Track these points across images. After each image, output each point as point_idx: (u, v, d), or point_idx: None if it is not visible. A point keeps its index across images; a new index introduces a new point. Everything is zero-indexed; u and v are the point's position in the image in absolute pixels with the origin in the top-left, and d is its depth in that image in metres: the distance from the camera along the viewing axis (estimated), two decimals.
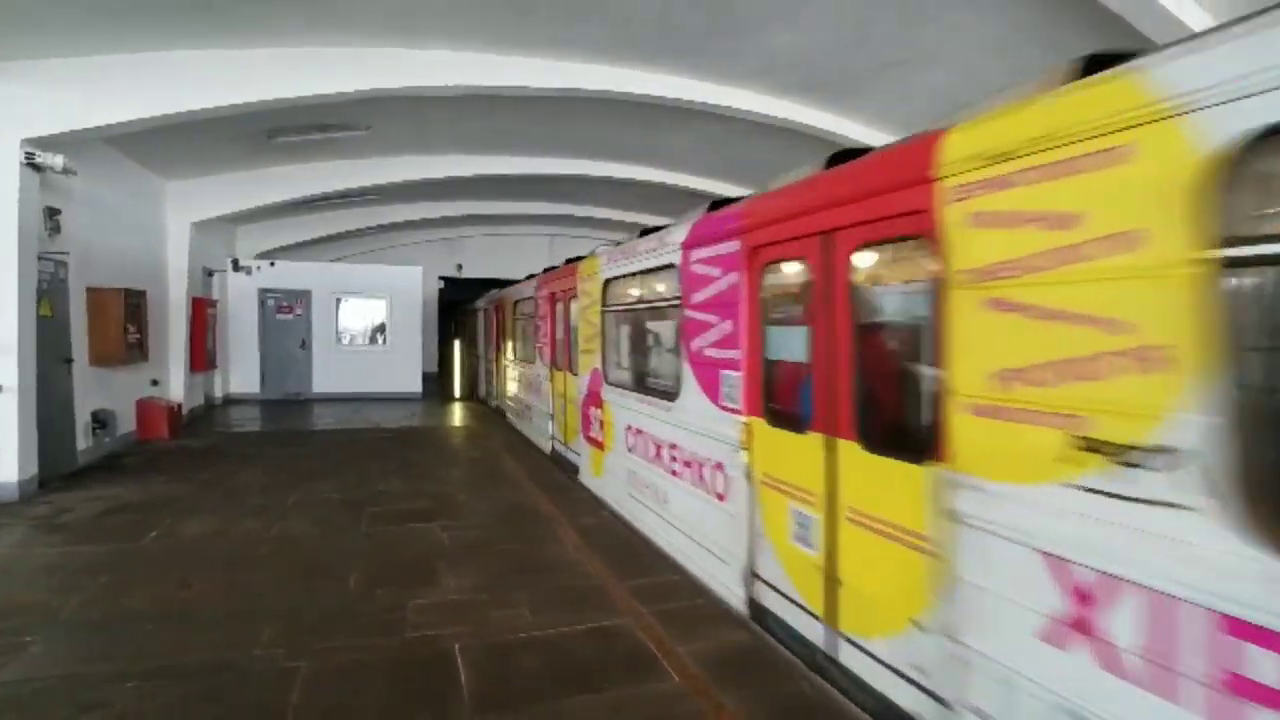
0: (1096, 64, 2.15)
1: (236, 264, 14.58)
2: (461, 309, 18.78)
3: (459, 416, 13.29)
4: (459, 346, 16.74)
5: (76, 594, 4.20)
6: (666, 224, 5.68)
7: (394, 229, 16.94)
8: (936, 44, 6.61)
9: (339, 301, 15.72)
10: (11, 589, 4.32)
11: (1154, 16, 5.00)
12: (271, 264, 15.03)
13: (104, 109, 6.72)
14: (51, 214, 7.20)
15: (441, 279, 20.17)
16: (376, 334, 16.12)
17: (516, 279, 13.18)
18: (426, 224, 16.95)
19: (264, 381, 15.04)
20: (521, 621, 3.91)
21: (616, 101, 8.16)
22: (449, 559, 4.94)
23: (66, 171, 6.80)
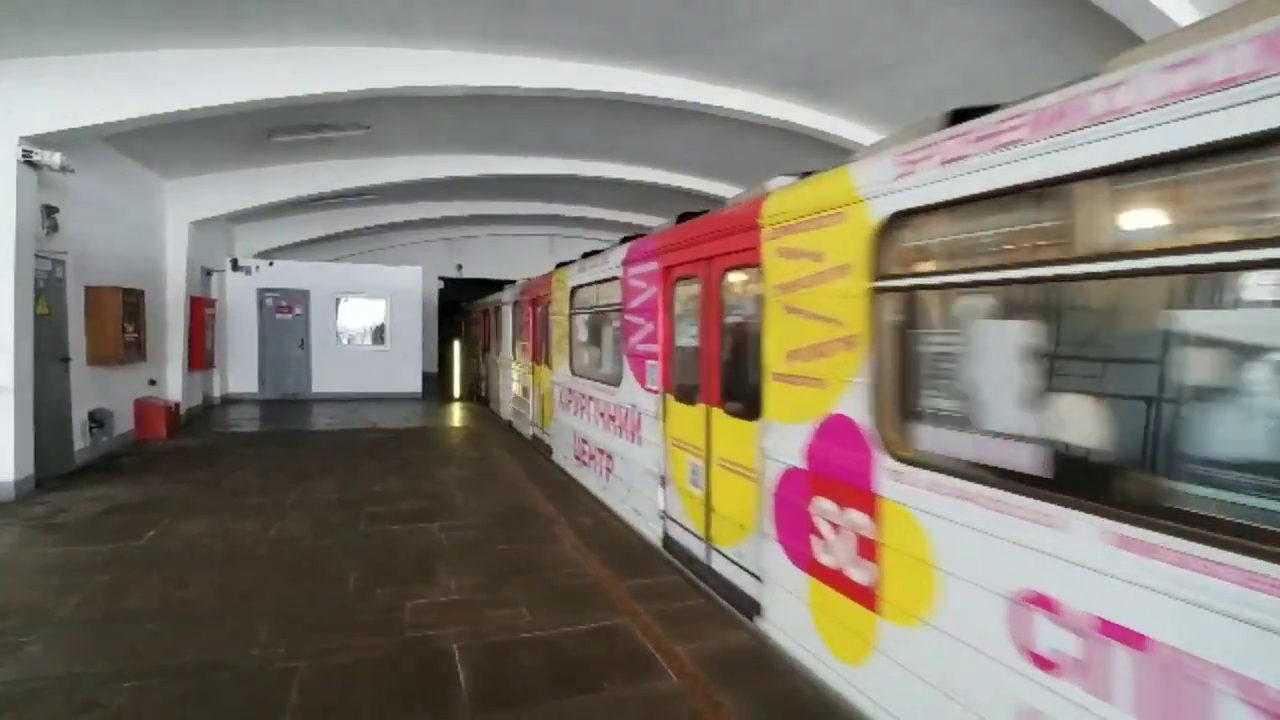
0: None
1: (235, 263, 14.56)
2: (461, 309, 18.82)
3: (458, 417, 13.28)
4: (459, 347, 16.73)
5: (73, 594, 4.19)
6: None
7: (393, 229, 16.91)
8: (932, 44, 6.61)
9: (338, 301, 15.70)
10: (8, 589, 4.31)
11: (1147, 15, 5.00)
12: (270, 263, 15.01)
13: (102, 107, 6.71)
14: (49, 212, 7.18)
15: (441, 279, 20.15)
16: (376, 334, 16.11)
17: (514, 279, 13.25)
18: (426, 224, 16.94)
19: (263, 381, 15.02)
20: (520, 621, 3.90)
21: (614, 102, 8.16)
22: (447, 559, 4.93)
23: (64, 169, 6.78)
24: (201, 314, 12.15)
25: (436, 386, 17.14)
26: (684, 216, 5.25)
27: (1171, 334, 2.09)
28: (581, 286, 7.46)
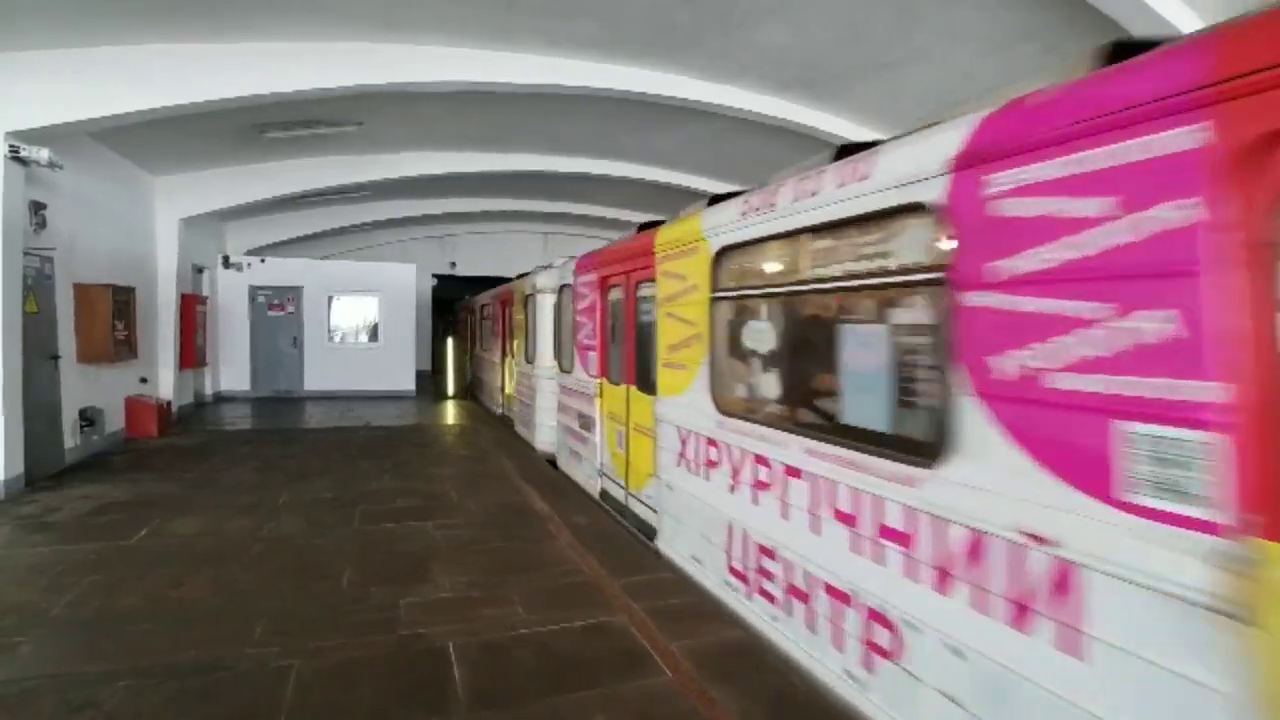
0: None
1: (227, 260, 14.48)
2: (454, 307, 18.78)
3: (451, 415, 13.25)
4: (452, 344, 16.70)
5: (66, 593, 4.17)
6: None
7: (387, 226, 16.86)
8: (930, 43, 6.63)
9: (331, 299, 15.63)
10: None
11: (1144, 17, 5.03)
12: (262, 260, 14.93)
13: (90, 102, 6.65)
14: (37, 209, 7.12)
15: (435, 276, 20.08)
16: (369, 331, 16.06)
17: (509, 277, 13.25)
18: (419, 221, 16.90)
19: (255, 379, 14.96)
20: (515, 619, 3.91)
21: (609, 99, 8.14)
22: (442, 557, 4.93)
23: (52, 165, 6.73)
24: (193, 311, 12.08)
25: (430, 384, 17.09)
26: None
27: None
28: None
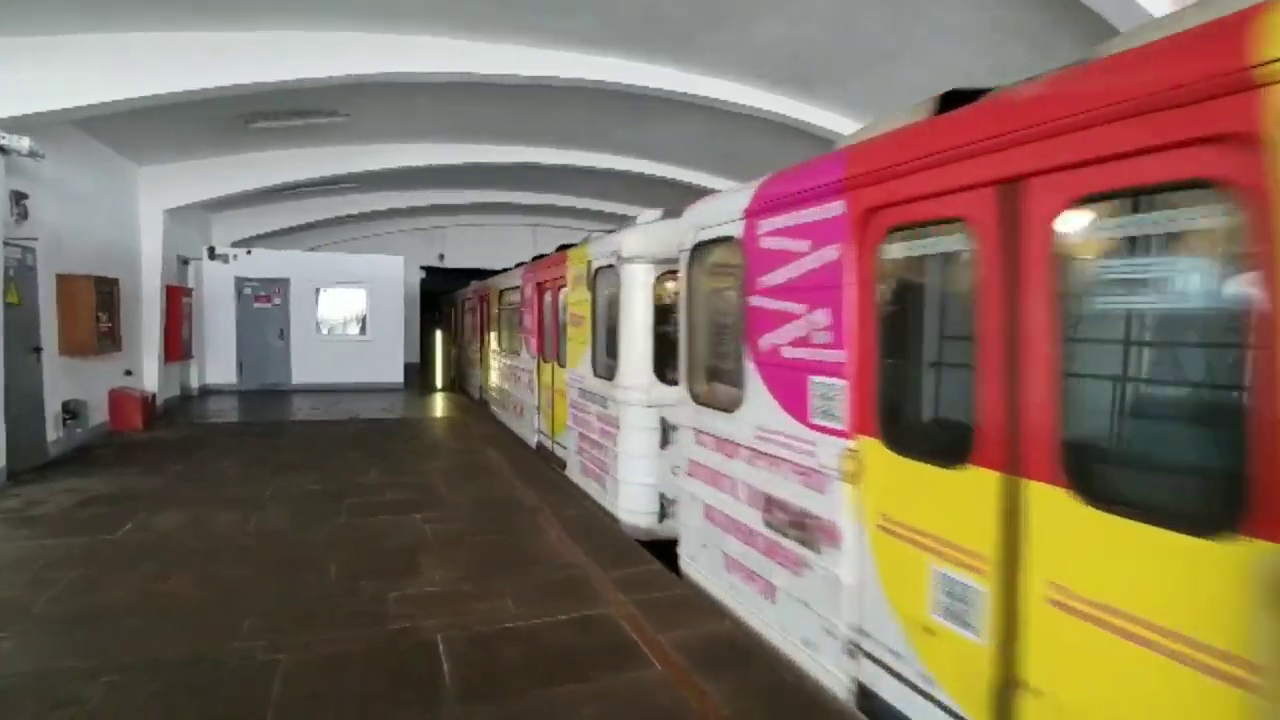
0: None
1: (213, 252, 14.31)
2: (444, 299, 18.70)
3: (440, 407, 13.20)
4: (440, 336, 16.62)
5: (49, 588, 4.13)
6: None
7: (375, 217, 16.71)
8: (923, 39, 6.63)
9: (318, 291, 15.51)
10: None
11: (1132, 13, 5.04)
12: (249, 252, 14.79)
13: (73, 91, 6.53)
14: (18, 199, 7.00)
15: (423, 268, 19.95)
16: (357, 324, 15.94)
17: (497, 269, 13.22)
18: (408, 212, 16.75)
19: (241, 372, 14.83)
20: (504, 612, 3.91)
21: (601, 91, 8.09)
22: (431, 550, 4.92)
23: (34, 155, 6.61)
24: (178, 303, 11.95)
25: (419, 377, 17.02)
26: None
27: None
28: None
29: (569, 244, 7.74)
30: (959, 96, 2.64)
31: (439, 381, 15.86)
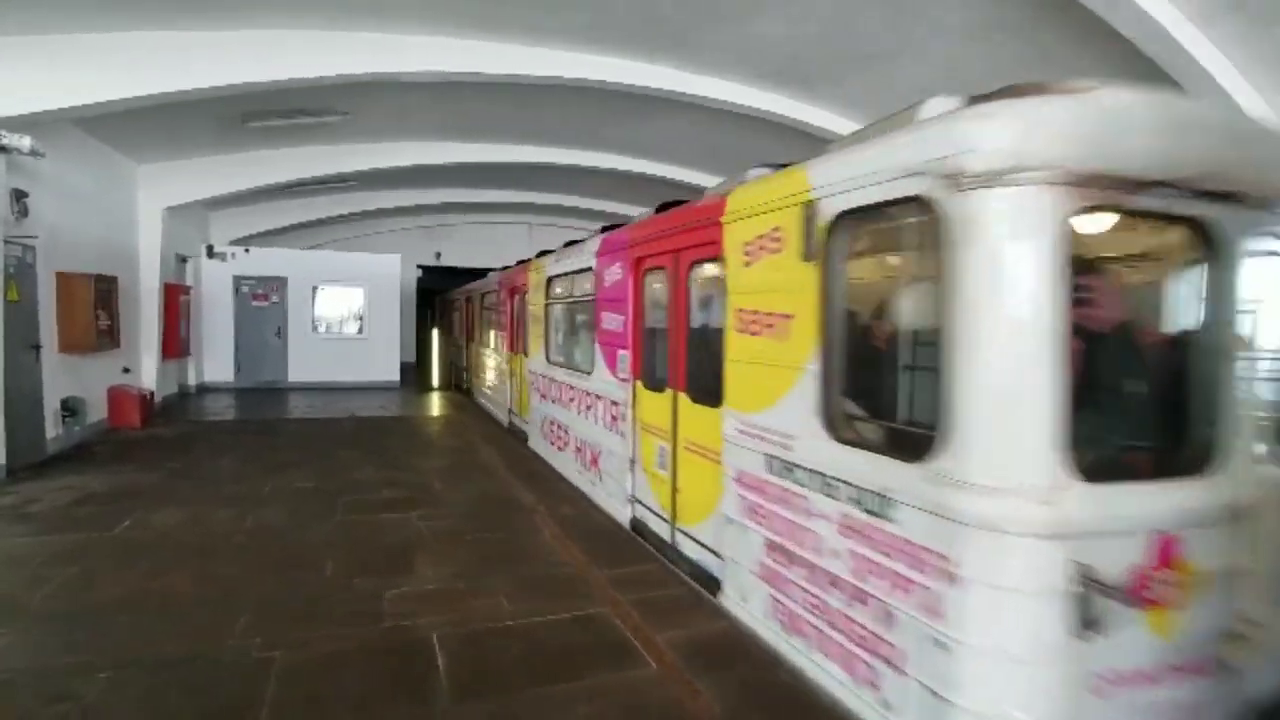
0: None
1: (211, 250, 14.31)
2: (441, 298, 18.72)
3: (436, 406, 13.21)
4: (437, 335, 16.63)
5: (46, 585, 4.14)
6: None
7: (372, 216, 16.70)
8: (923, 38, 6.63)
9: (315, 289, 15.50)
10: None
11: (1130, 15, 5.06)
12: (247, 250, 14.77)
13: (73, 90, 6.54)
14: (18, 197, 7.01)
15: (420, 267, 19.94)
16: (354, 322, 15.95)
17: (494, 268, 13.25)
18: (405, 211, 16.74)
19: (239, 370, 14.83)
20: (500, 610, 3.92)
21: (597, 90, 8.09)
22: (426, 548, 4.93)
23: (34, 153, 6.62)
24: (176, 301, 11.94)
25: (415, 375, 17.03)
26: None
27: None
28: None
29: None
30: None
31: (435, 380, 15.87)
